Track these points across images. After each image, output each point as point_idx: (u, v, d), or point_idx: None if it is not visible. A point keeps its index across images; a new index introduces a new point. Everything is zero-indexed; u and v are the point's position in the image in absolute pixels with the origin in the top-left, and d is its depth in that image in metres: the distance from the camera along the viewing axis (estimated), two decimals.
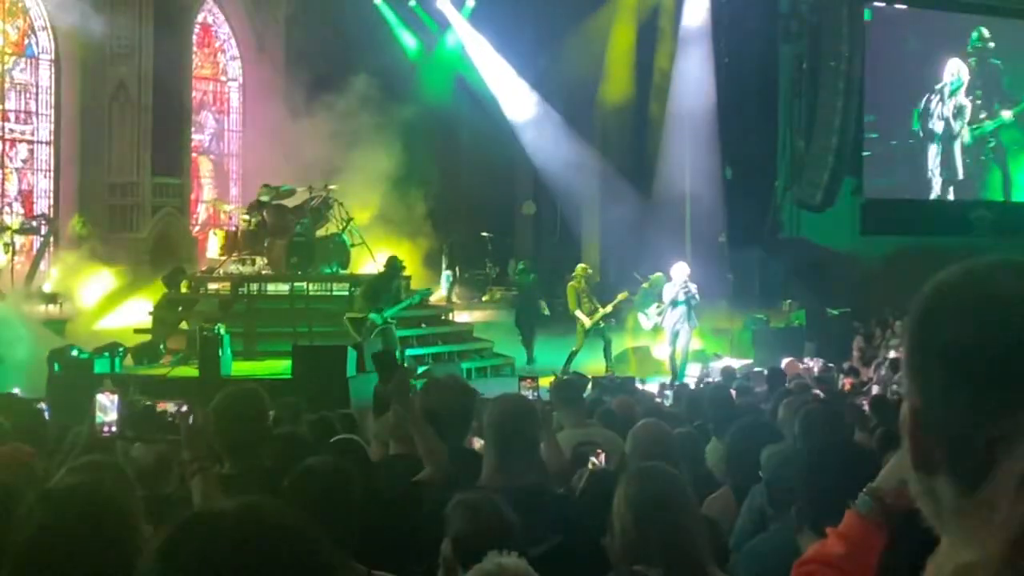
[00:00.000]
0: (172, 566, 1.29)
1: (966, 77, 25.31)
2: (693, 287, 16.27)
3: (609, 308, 17.19)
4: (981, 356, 1.13)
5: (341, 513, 3.20)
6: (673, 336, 16.21)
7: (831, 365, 15.83)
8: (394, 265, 15.23)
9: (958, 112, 25.41)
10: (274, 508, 1.37)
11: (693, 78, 22.92)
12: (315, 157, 19.87)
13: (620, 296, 17.62)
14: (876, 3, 24.43)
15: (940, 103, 25.17)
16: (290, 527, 1.34)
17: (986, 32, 25.39)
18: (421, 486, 4.08)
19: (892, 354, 15.47)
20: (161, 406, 4.26)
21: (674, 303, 16.14)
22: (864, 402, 9.16)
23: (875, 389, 12.81)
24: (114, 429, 4.75)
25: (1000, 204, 24.90)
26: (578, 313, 16.91)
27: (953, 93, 25.20)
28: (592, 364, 17.24)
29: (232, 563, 1.28)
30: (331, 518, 3.11)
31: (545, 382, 8.31)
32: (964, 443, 1.14)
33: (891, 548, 1.97)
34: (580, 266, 17.67)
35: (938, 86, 25.12)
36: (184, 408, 3.87)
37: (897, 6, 24.89)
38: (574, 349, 16.82)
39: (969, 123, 25.47)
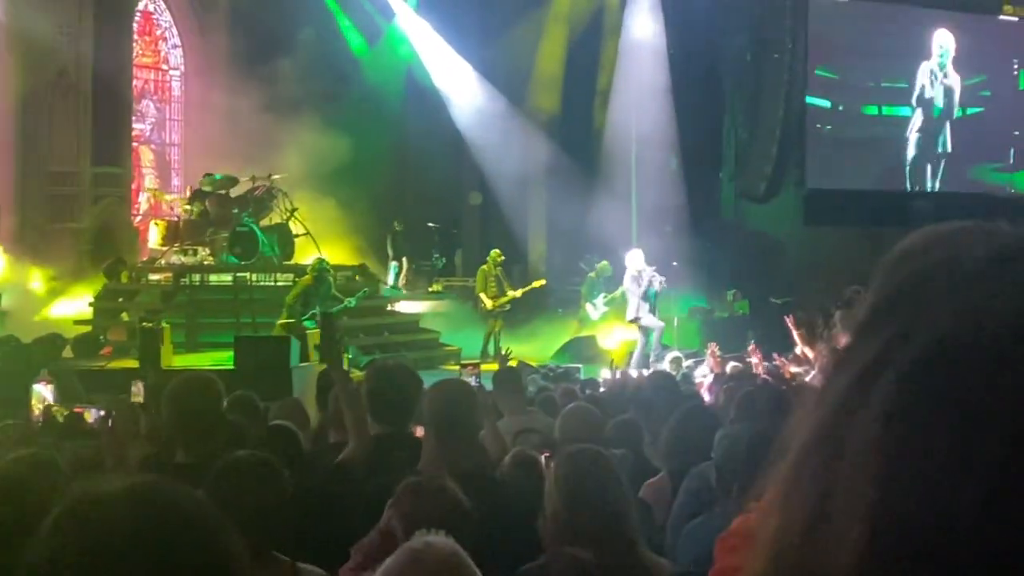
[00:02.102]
0: (57, 548, 1.20)
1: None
2: (660, 278, 16.18)
3: (519, 293, 17.48)
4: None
5: (268, 506, 3.10)
6: (646, 331, 15.98)
7: (774, 355, 15.94)
8: (319, 269, 15.11)
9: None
10: (168, 489, 1.26)
11: (639, 68, 22.99)
12: (257, 145, 19.67)
13: (535, 283, 17.86)
14: None
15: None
16: (185, 509, 1.24)
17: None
18: (346, 471, 4.04)
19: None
20: (79, 410, 4.17)
21: (644, 296, 15.94)
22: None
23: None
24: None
25: (938, 194, 25.15)
26: (481, 295, 17.29)
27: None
28: (535, 352, 17.32)
29: (120, 548, 1.18)
30: (259, 511, 3.02)
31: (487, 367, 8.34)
32: None
33: None
34: (493, 251, 18.02)
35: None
36: (102, 413, 3.79)
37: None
38: (488, 332, 17.14)
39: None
